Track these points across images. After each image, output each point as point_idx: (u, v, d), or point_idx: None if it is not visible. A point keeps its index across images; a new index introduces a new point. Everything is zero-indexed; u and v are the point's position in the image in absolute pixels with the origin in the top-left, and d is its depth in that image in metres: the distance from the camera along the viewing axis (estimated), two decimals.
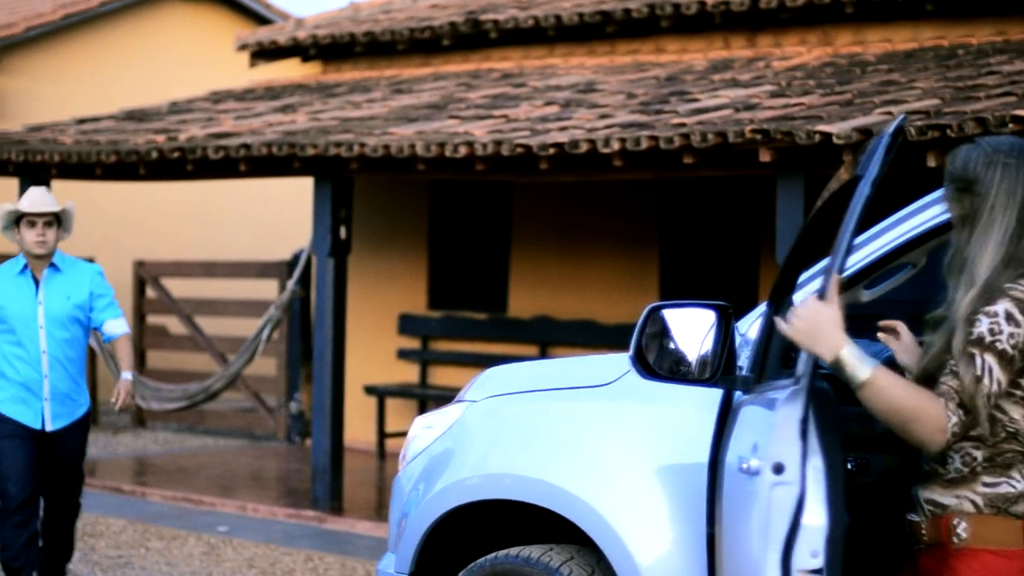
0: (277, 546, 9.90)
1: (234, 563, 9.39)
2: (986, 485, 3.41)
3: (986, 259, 3.48)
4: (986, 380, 3.37)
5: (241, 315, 15.01)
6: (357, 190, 12.28)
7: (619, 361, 4.83)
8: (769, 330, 4.08)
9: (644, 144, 8.78)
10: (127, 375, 7.48)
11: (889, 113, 8.41)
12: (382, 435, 13.39)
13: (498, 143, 9.39)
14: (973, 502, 3.43)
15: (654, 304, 4.25)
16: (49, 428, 7.42)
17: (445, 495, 4.98)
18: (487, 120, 10.27)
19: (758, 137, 8.45)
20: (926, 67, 10.02)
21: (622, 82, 11.16)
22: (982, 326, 3.40)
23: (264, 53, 14.30)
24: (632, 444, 4.59)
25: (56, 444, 7.48)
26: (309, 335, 14.47)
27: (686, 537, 4.46)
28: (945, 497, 3.48)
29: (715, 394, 4.46)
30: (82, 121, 13.14)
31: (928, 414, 3.38)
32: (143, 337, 15.61)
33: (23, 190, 12.39)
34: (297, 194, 18.46)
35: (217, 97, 13.69)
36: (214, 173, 11.46)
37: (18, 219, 7.40)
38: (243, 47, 14.34)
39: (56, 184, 12.43)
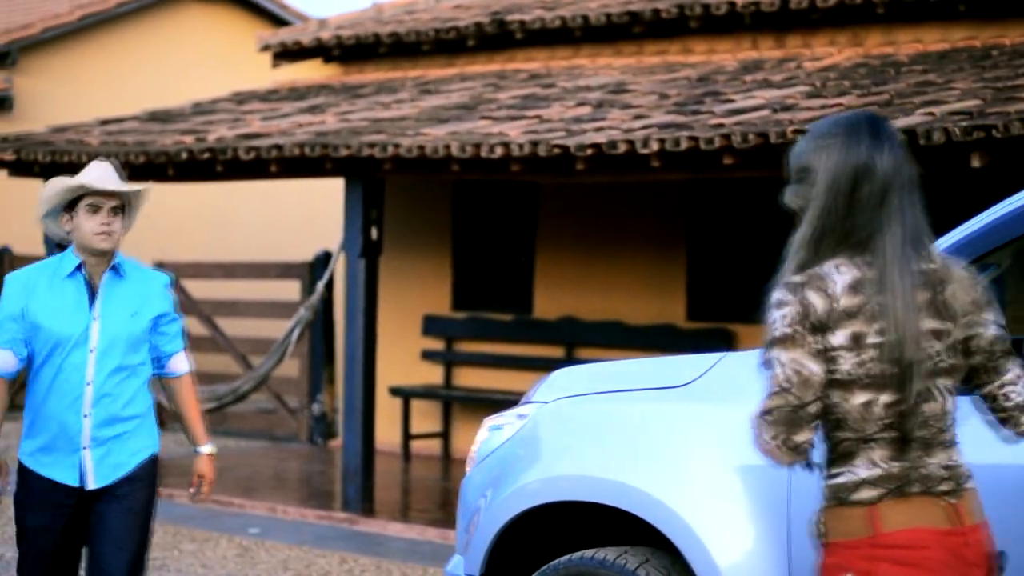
0: (310, 548, 9.87)
1: (269, 565, 9.37)
2: (830, 477, 3.32)
3: (794, 249, 3.36)
4: (778, 371, 3.27)
5: (262, 316, 14.98)
6: None
7: (695, 362, 4.81)
8: None
9: (684, 145, 8.75)
10: (208, 449, 5.58)
11: (931, 114, 8.39)
12: (407, 436, 13.36)
13: (534, 144, 9.37)
14: (824, 495, 3.34)
15: None
16: (91, 485, 5.37)
17: (516, 498, 4.95)
18: (520, 121, 10.24)
19: (799, 138, 8.40)
20: (961, 68, 10.00)
21: (653, 83, 11.13)
22: (766, 328, 3.33)
23: (287, 54, 14.27)
24: (711, 445, 4.57)
25: (104, 507, 5.40)
26: (332, 336, 14.44)
27: (767, 538, 4.44)
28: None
29: None
30: (106, 122, 13.11)
31: (762, 440, 3.30)
32: None
33: None
34: (311, 195, 18.44)
35: (241, 98, 13.66)
36: (244, 174, 11.43)
37: (72, 202, 5.39)
38: (266, 48, 14.30)
39: None
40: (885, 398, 3.24)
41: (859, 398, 3.24)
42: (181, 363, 5.60)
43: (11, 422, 12.08)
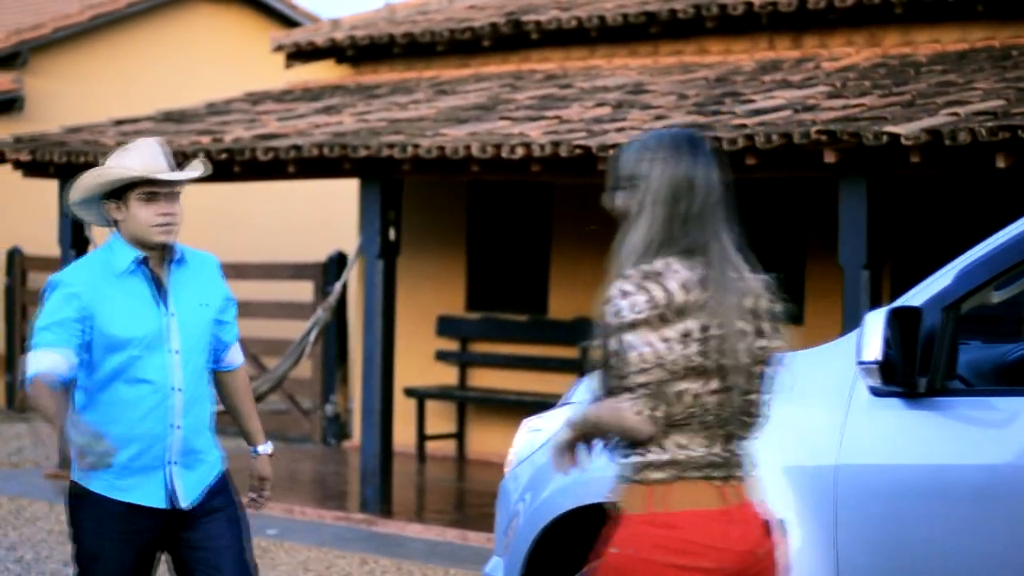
0: (329, 549, 9.86)
1: (289, 566, 9.35)
2: (625, 457, 3.66)
3: (629, 249, 3.69)
4: (637, 352, 3.55)
5: (274, 317, 14.95)
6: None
7: None
8: (951, 338, 4.10)
9: None
10: (268, 449, 5.05)
11: (955, 114, 8.37)
12: (422, 437, 13.34)
13: (556, 144, 9.34)
14: (621, 472, 3.69)
15: (897, 305, 4.22)
16: (184, 504, 4.74)
17: (557, 499, 4.93)
18: (540, 121, 10.22)
19: (823, 138, 8.40)
20: (981, 68, 9.99)
21: (671, 83, 11.11)
22: (607, 316, 3.62)
23: (301, 54, 14.24)
24: (759, 445, 4.54)
25: (207, 525, 4.76)
26: (345, 337, 14.42)
27: (814, 541, 4.43)
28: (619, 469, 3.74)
29: (844, 394, 4.44)
30: (120, 122, 13.08)
31: (625, 416, 3.56)
32: None
33: (63, 193, 12.30)
34: (322, 197, 18.42)
35: (255, 98, 13.63)
36: (261, 175, 11.40)
37: (119, 189, 4.69)
38: (279, 48, 14.28)
39: None
40: (697, 387, 3.57)
41: (677, 386, 3.57)
42: (238, 354, 5.01)
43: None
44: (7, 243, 17.24)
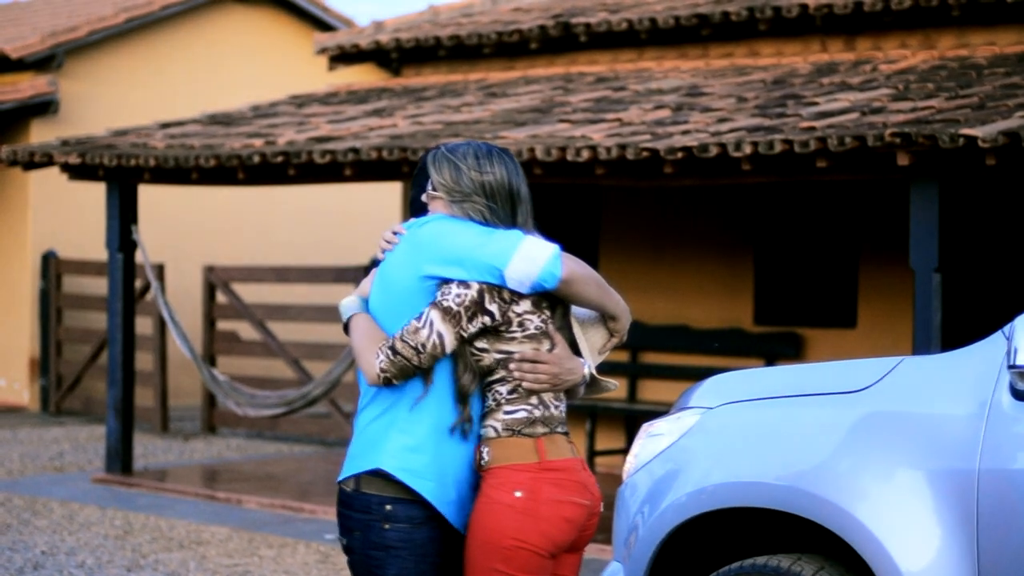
0: None
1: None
2: (506, 413, 4.17)
3: None
4: (425, 333, 4.07)
5: (316, 320, 14.91)
6: None
7: (870, 367, 4.75)
8: None
9: (778, 148, 8.68)
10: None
11: None
12: None
13: (622, 147, 9.28)
14: (495, 428, 4.16)
15: None
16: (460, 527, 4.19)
17: (675, 510, 4.88)
18: (600, 124, 10.16)
19: (897, 141, 8.34)
20: None
21: (727, 85, 11.06)
22: (440, 290, 4.15)
23: (344, 56, 14.19)
24: (895, 450, 4.51)
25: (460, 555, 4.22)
26: None
27: (954, 547, 4.38)
28: (481, 429, 4.20)
29: (985, 398, 4.40)
30: (166, 125, 13.02)
31: (365, 357, 4.14)
32: (213, 342, 15.53)
33: (111, 195, 12.25)
34: (352, 200, 18.39)
35: (299, 101, 13.58)
36: (317, 178, 11.33)
37: None
38: (323, 50, 14.22)
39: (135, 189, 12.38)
40: (546, 348, 4.21)
41: (546, 346, 4.21)
42: None
43: (56, 426, 11.91)
44: (42, 247, 17.21)
